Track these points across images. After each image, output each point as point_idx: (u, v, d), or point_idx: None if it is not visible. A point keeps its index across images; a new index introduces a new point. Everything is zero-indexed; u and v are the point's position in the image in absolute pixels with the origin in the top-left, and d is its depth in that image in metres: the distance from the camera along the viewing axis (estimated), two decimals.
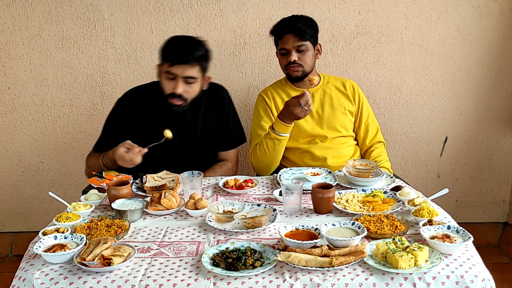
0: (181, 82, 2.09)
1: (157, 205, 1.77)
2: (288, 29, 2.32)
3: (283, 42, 2.33)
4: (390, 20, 2.88)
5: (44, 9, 2.79)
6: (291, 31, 2.31)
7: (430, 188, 3.05)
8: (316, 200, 1.76)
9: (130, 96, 2.33)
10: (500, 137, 3.12)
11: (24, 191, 3.08)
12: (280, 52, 2.37)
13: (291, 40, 2.31)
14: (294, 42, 2.30)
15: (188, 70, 2.07)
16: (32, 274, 1.35)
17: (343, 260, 1.34)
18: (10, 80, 2.89)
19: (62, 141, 2.99)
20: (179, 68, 2.06)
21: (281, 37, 2.35)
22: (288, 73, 2.39)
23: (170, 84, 2.10)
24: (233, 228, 1.62)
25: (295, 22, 2.33)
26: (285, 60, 2.36)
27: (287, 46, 2.32)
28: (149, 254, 1.47)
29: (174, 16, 2.81)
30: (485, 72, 2.99)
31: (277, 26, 2.39)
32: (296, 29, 2.30)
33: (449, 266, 1.36)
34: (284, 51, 2.35)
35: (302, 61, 2.33)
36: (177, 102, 2.12)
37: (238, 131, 2.41)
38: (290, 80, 2.45)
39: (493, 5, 2.88)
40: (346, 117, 2.44)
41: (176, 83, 2.09)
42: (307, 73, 2.38)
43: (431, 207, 1.68)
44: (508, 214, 3.27)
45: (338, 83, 2.49)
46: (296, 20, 2.34)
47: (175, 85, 2.09)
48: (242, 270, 1.34)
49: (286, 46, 2.33)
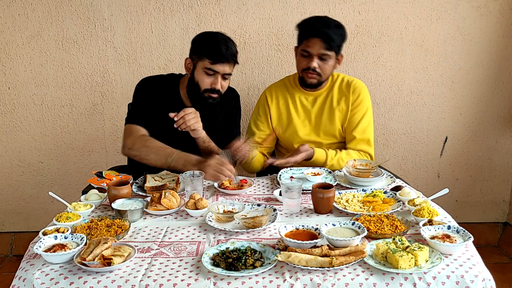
0: (220, 79, 2.17)
1: (157, 205, 1.76)
2: (317, 33, 2.17)
3: (308, 45, 2.20)
4: (390, 20, 2.88)
5: (44, 9, 2.79)
6: (320, 36, 2.17)
7: (430, 188, 3.06)
8: (316, 200, 1.75)
9: (150, 82, 2.31)
10: (500, 137, 3.12)
11: (24, 191, 3.08)
12: (302, 52, 2.24)
13: (317, 45, 2.18)
14: (319, 48, 2.18)
15: (227, 68, 2.17)
16: (32, 274, 1.35)
17: (343, 260, 1.34)
18: (10, 80, 2.89)
19: (62, 141, 2.99)
20: (221, 66, 2.14)
21: (307, 38, 2.21)
22: (302, 77, 2.29)
23: (209, 79, 2.17)
24: (233, 228, 1.62)
25: (327, 27, 2.18)
26: (304, 63, 2.24)
27: (312, 51, 2.19)
28: (149, 254, 1.47)
29: (174, 16, 2.81)
30: (485, 72, 3.00)
31: (307, 25, 2.24)
32: (325, 36, 2.16)
33: (449, 266, 1.36)
34: (306, 53, 2.22)
35: (321, 69, 2.23)
36: (214, 95, 2.20)
37: (235, 135, 2.38)
38: (304, 85, 2.35)
39: (493, 5, 2.88)
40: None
41: (216, 79, 2.17)
42: (322, 82, 2.31)
43: (431, 207, 1.68)
44: (508, 214, 3.28)
45: (344, 83, 2.37)
46: (328, 25, 2.20)
47: (214, 81, 2.17)
48: (242, 270, 1.34)
49: (310, 50, 2.20)
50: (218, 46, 2.13)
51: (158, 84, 2.29)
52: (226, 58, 2.13)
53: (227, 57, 2.14)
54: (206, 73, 2.16)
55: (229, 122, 2.39)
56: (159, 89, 2.27)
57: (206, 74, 2.16)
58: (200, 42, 2.19)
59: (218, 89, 2.18)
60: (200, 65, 2.16)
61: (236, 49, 2.20)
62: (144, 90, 2.29)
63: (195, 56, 2.19)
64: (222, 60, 2.13)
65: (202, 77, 2.17)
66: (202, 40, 2.19)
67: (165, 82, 2.30)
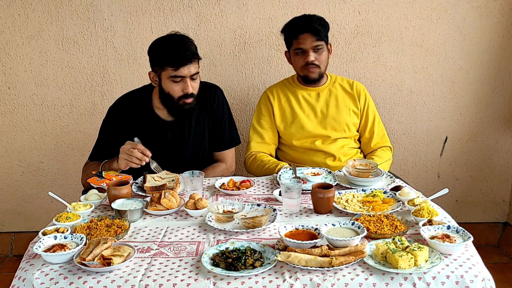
0: (189, 81, 2.12)
1: (157, 205, 1.77)
2: (305, 29, 2.27)
3: (300, 42, 2.28)
4: (390, 20, 2.88)
5: (44, 9, 2.79)
6: (308, 31, 2.26)
7: (430, 188, 3.05)
8: (316, 200, 1.76)
9: (121, 104, 2.31)
10: (500, 137, 3.12)
11: (24, 191, 3.08)
12: (296, 51, 2.32)
13: (309, 40, 2.26)
14: (312, 42, 2.27)
15: (192, 68, 2.10)
16: (32, 274, 1.35)
17: (343, 260, 1.34)
18: (10, 80, 2.89)
19: (62, 141, 2.99)
20: (185, 69, 2.08)
21: (296, 37, 2.29)
22: (305, 75, 2.35)
23: (179, 86, 2.12)
24: (233, 228, 1.62)
25: (311, 21, 2.28)
26: (301, 61, 2.31)
27: (305, 46, 2.28)
28: (149, 254, 1.47)
29: (174, 16, 2.81)
30: (485, 72, 2.99)
31: (292, 25, 2.33)
32: (313, 29, 2.26)
33: (449, 266, 1.36)
34: (300, 50, 2.30)
35: (319, 61, 2.31)
36: (189, 100, 2.15)
37: (232, 132, 2.38)
38: (306, 82, 2.40)
39: (493, 5, 2.88)
40: (351, 118, 2.42)
41: (185, 83, 2.11)
42: (322, 74, 2.37)
43: (431, 207, 1.68)
44: (508, 214, 3.27)
45: (344, 83, 2.46)
46: (312, 19, 2.30)
47: (184, 86, 2.12)
48: (242, 270, 1.34)
49: (304, 46, 2.28)
50: (175, 51, 2.07)
51: (128, 102, 2.28)
52: (187, 59, 2.07)
53: (188, 58, 2.07)
54: (173, 81, 2.11)
55: (218, 122, 2.33)
56: (130, 106, 2.27)
57: (174, 82, 2.11)
58: (157, 52, 2.14)
59: (191, 93, 2.13)
60: (165, 75, 2.12)
61: (195, 45, 2.14)
62: (111, 117, 2.29)
63: (157, 67, 2.14)
64: (184, 63, 2.06)
65: (171, 86, 2.12)
66: (158, 49, 2.13)
67: (137, 97, 2.29)
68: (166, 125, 2.25)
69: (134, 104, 2.27)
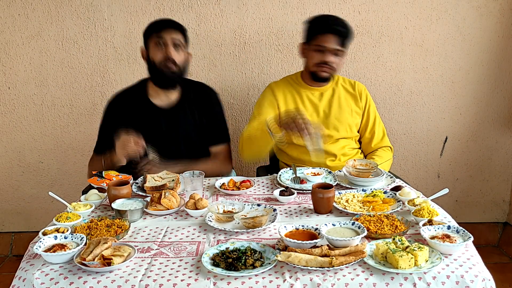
0: (172, 48, 2.20)
1: (157, 205, 1.76)
2: (333, 29, 2.25)
3: (324, 40, 2.25)
4: (390, 20, 2.88)
5: (44, 9, 2.79)
6: (336, 33, 2.24)
7: (430, 188, 3.06)
8: (316, 200, 1.75)
9: (118, 95, 2.38)
10: (500, 137, 3.12)
11: (24, 191, 3.08)
12: (316, 47, 2.28)
13: (333, 41, 2.24)
14: (336, 44, 2.25)
15: (174, 34, 2.20)
16: (32, 274, 1.35)
17: (343, 260, 1.34)
18: (10, 80, 2.89)
19: (62, 141, 2.99)
20: (166, 33, 2.19)
21: (322, 33, 2.26)
22: (315, 71, 2.32)
23: (161, 51, 2.20)
24: (233, 228, 1.62)
25: (341, 25, 2.27)
26: (318, 57, 2.28)
27: (328, 45, 2.25)
28: (149, 254, 1.47)
29: (174, 16, 2.81)
30: (485, 72, 2.99)
31: (322, 21, 2.31)
32: (340, 33, 2.25)
33: (449, 266, 1.36)
34: (320, 47, 2.27)
35: (336, 64, 2.30)
36: (171, 66, 2.21)
37: (222, 130, 2.40)
38: (314, 79, 2.37)
39: (493, 5, 2.88)
40: (353, 119, 2.42)
41: (167, 48, 2.19)
42: (332, 77, 2.39)
43: (431, 207, 1.68)
44: (508, 214, 3.28)
45: (346, 83, 2.47)
46: (342, 23, 2.29)
47: (166, 50, 2.19)
48: (242, 270, 1.34)
49: (327, 45, 2.25)
50: (159, 20, 2.28)
51: (125, 94, 2.37)
52: (169, 24, 2.23)
53: (170, 23, 2.23)
54: (156, 46, 2.21)
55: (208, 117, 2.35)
56: (126, 97, 2.34)
57: (157, 47, 2.21)
58: (144, 30, 2.29)
59: (173, 59, 2.19)
60: (151, 43, 2.23)
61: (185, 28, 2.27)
62: (108, 111, 2.36)
63: (145, 40, 2.28)
64: (165, 26, 2.20)
65: (154, 52, 2.22)
66: (146, 27, 2.29)
67: (132, 90, 2.37)
68: (160, 112, 2.30)
69: (130, 94, 2.35)
